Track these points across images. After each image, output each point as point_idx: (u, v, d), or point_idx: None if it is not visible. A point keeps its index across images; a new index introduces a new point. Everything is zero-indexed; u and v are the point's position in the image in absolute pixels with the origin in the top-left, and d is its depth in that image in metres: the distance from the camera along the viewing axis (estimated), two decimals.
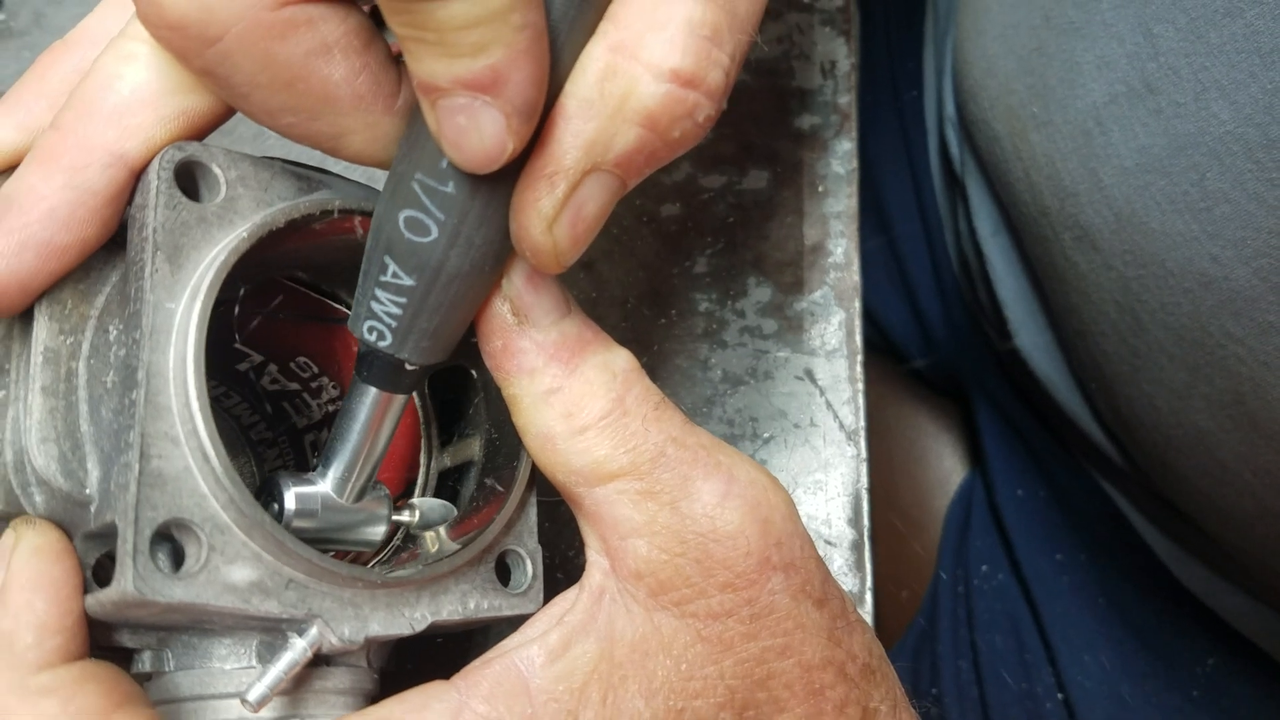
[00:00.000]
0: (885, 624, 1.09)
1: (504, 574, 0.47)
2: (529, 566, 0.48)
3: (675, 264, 0.75)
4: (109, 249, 0.42)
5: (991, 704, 0.96)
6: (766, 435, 0.72)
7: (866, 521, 0.72)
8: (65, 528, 0.41)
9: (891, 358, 1.17)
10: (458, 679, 0.42)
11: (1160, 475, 0.78)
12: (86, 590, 0.41)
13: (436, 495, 0.51)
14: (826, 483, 0.72)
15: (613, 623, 0.43)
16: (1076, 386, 0.85)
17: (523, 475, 0.47)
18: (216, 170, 0.41)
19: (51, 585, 0.40)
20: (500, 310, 0.42)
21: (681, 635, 0.42)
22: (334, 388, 0.53)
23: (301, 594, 0.40)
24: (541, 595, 0.48)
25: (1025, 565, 0.98)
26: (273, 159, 0.43)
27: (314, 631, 0.40)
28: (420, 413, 0.52)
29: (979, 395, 1.07)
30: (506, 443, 0.47)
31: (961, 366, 1.09)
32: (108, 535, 0.39)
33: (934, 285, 1.07)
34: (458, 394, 0.52)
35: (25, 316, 0.42)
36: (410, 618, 0.43)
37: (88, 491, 0.40)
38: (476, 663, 0.42)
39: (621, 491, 0.42)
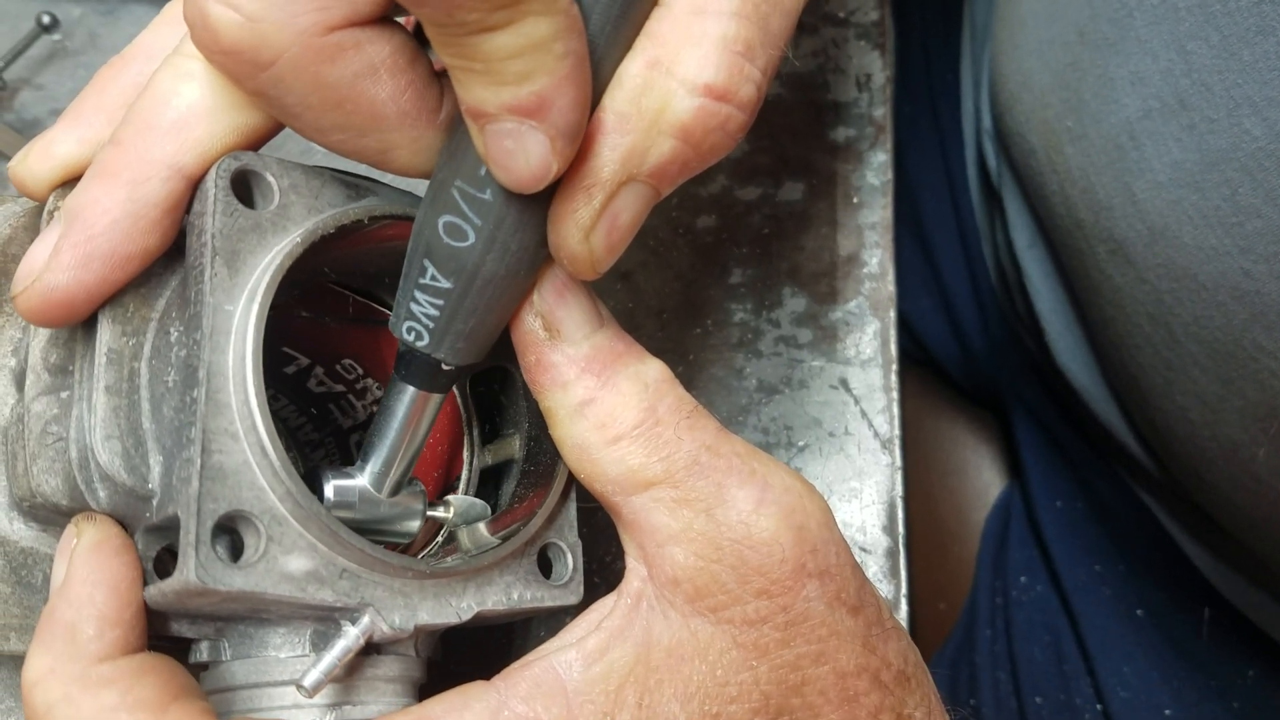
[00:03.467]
0: (923, 634, 1.10)
1: (545, 566, 0.48)
2: (569, 559, 0.49)
3: (711, 275, 0.77)
4: (169, 255, 0.44)
5: (1030, 715, 0.96)
6: (801, 444, 0.73)
7: (901, 529, 0.72)
8: (126, 523, 0.43)
9: (929, 369, 1.17)
10: (497, 680, 0.43)
11: (1195, 487, 0.78)
12: (146, 582, 0.42)
13: (479, 493, 0.53)
14: (861, 490, 0.73)
15: (650, 628, 0.43)
16: (1113, 398, 0.85)
17: (562, 471, 0.48)
18: (270, 178, 0.43)
19: (111, 579, 0.41)
20: (532, 325, 0.43)
21: (717, 641, 0.43)
22: (378, 389, 0.54)
23: (354, 583, 0.42)
24: (582, 588, 0.49)
25: (1064, 576, 0.98)
26: (323, 168, 0.45)
27: (366, 619, 0.42)
28: (462, 411, 0.54)
29: (1017, 406, 1.06)
30: (547, 441, 0.49)
31: (1000, 378, 1.09)
32: (169, 528, 0.41)
33: (971, 296, 1.08)
34: (499, 393, 0.53)
35: (89, 320, 0.44)
36: (457, 607, 0.45)
37: (150, 486, 0.42)
38: (516, 665, 0.44)
39: (657, 499, 0.43)
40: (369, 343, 0.53)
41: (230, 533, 0.40)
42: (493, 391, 0.53)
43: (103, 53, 0.81)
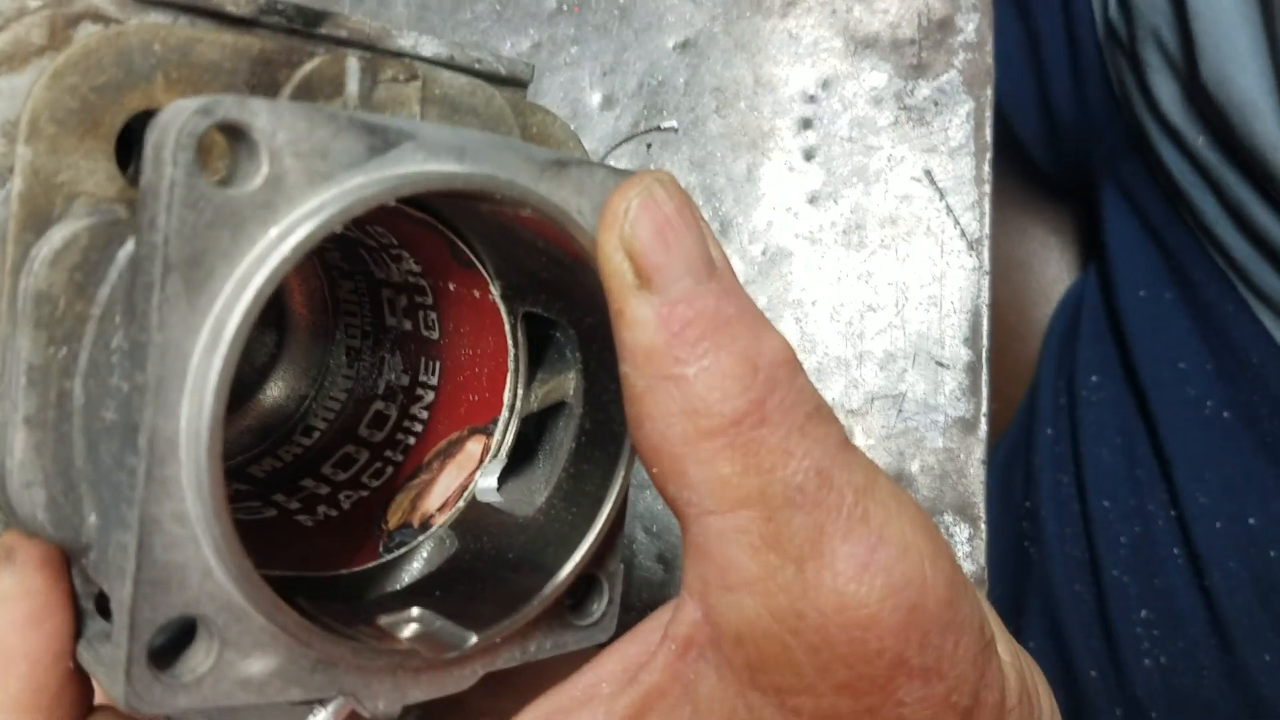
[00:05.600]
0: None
1: (575, 597, 0.41)
2: (606, 593, 0.41)
3: (775, 44, 0.65)
4: (112, 218, 0.33)
5: (1094, 519, 0.92)
6: (875, 244, 0.64)
7: (985, 341, 0.64)
8: (63, 543, 0.35)
9: (998, 151, 1.08)
10: None
11: None
12: (81, 633, 0.35)
13: (515, 448, 0.43)
14: (942, 298, 0.64)
15: (695, 690, 0.35)
16: None
17: (618, 485, 0.39)
18: (257, 137, 0.30)
19: (30, 654, 0.34)
20: (619, 265, 0.34)
21: None
22: (415, 264, 0.44)
23: (330, 675, 0.34)
24: (615, 622, 0.41)
25: (1143, 373, 0.92)
26: (336, 110, 0.33)
27: (339, 701, 0.35)
28: (510, 345, 0.43)
29: (1108, 185, 0.97)
30: (613, 388, 0.39)
31: (1091, 153, 0.99)
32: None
33: (1068, 61, 0.97)
34: (554, 331, 0.44)
35: (12, 292, 0.33)
36: (458, 675, 0.37)
37: (84, 540, 0.33)
38: (530, 716, 0.37)
39: (741, 530, 0.34)
40: (401, 228, 0.43)
41: (177, 634, 0.32)
42: (547, 326, 0.44)
43: None
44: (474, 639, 0.37)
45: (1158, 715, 0.86)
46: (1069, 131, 1.00)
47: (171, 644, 0.32)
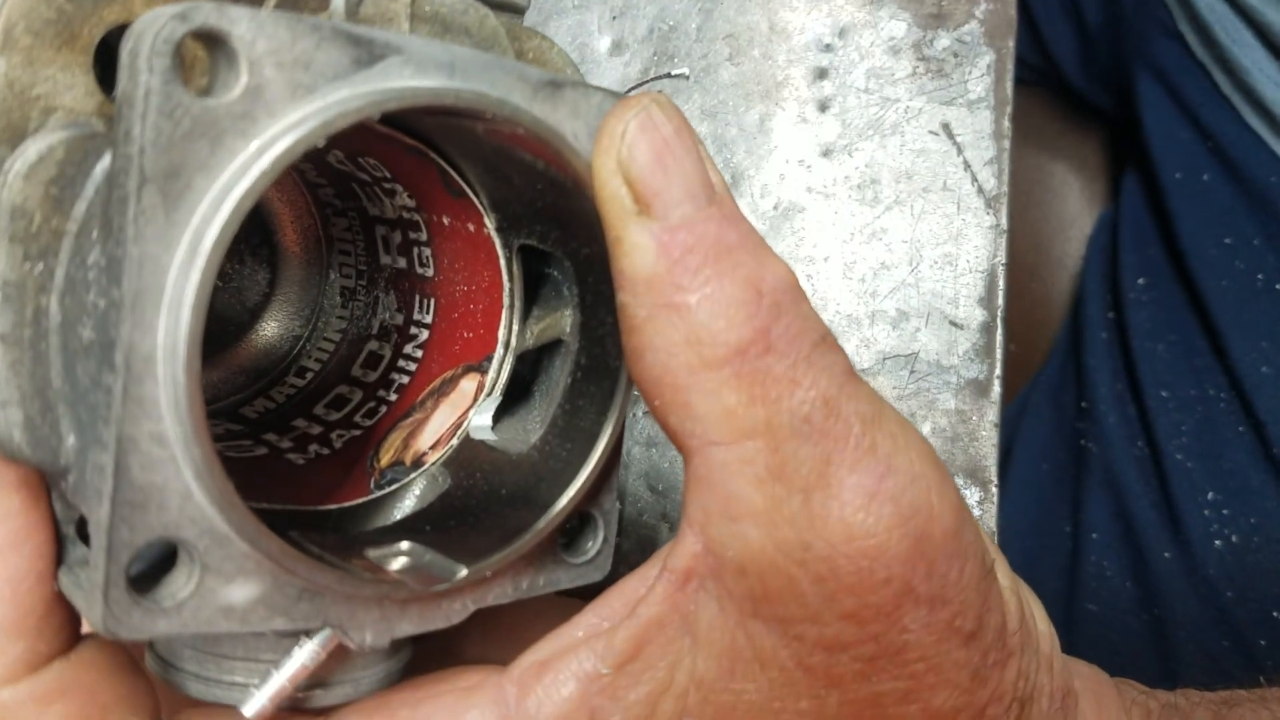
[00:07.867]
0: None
1: (569, 535, 0.40)
2: (601, 530, 0.40)
3: None
4: (89, 131, 0.32)
5: (1153, 410, 0.91)
6: (889, 200, 0.62)
7: (1001, 301, 0.62)
8: (41, 466, 0.34)
9: (1029, 89, 1.07)
10: (506, 680, 0.36)
11: None
12: (63, 560, 0.34)
13: (510, 385, 0.42)
14: (957, 257, 0.62)
15: (696, 621, 0.35)
16: None
17: (613, 421, 0.38)
18: (236, 45, 0.29)
19: (10, 580, 0.33)
20: (617, 191, 0.33)
21: (779, 655, 0.35)
22: (409, 197, 0.43)
23: (316, 604, 0.34)
24: (610, 561, 0.41)
25: (1190, 256, 0.91)
26: (319, 20, 0.32)
27: (323, 635, 0.35)
28: (505, 279, 0.42)
29: (1143, 74, 0.96)
30: (610, 322, 0.38)
31: (1122, 48, 0.99)
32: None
33: None
34: (550, 263, 0.43)
35: None
36: (448, 610, 0.37)
37: (62, 462, 0.32)
38: (530, 659, 0.36)
39: (746, 461, 0.33)
40: (394, 158, 0.42)
41: (158, 559, 0.32)
42: (543, 261, 0.43)
43: None
44: (463, 571, 0.36)
45: (1233, 594, 0.85)
46: (1100, 29, 1.00)
47: (152, 569, 0.31)
